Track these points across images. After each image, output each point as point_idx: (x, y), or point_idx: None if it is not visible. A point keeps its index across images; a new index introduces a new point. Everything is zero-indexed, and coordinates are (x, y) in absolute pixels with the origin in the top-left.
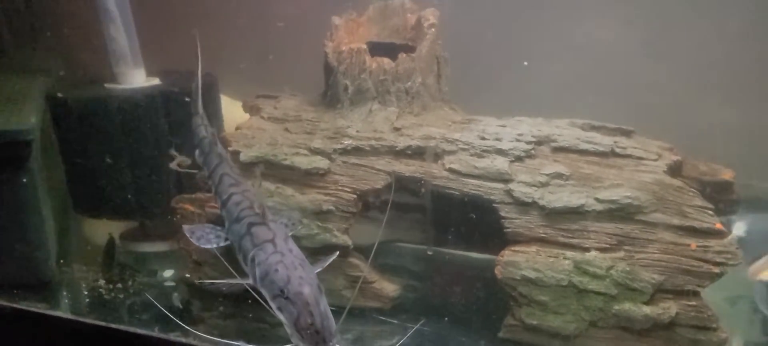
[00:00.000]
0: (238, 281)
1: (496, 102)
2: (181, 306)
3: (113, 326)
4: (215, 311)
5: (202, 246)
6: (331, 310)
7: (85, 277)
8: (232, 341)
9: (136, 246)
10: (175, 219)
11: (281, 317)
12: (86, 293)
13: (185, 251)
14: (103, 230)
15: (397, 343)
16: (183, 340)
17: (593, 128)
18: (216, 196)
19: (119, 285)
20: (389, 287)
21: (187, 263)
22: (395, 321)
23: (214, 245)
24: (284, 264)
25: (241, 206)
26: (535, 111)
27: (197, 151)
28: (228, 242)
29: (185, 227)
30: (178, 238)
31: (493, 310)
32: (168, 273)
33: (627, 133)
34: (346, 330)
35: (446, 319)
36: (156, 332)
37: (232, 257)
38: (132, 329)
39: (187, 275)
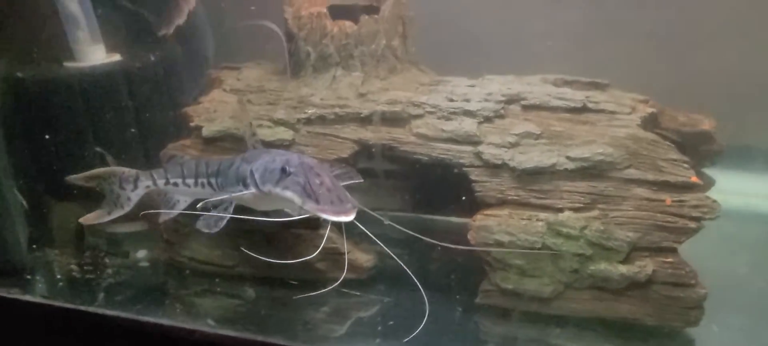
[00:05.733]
0: (241, 193)
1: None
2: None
3: (82, 308)
4: (190, 290)
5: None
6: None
7: (58, 261)
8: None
9: (108, 227)
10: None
11: (290, 195)
12: (59, 277)
13: (156, 231)
14: (77, 212)
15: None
16: (152, 320)
17: (566, 83)
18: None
19: (91, 267)
20: (363, 258)
21: (160, 243)
22: (372, 295)
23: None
24: (280, 154)
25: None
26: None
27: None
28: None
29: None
30: (148, 218)
31: (470, 276)
32: (141, 253)
33: (601, 87)
34: (322, 302)
35: (422, 287)
36: (125, 313)
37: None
38: (102, 312)
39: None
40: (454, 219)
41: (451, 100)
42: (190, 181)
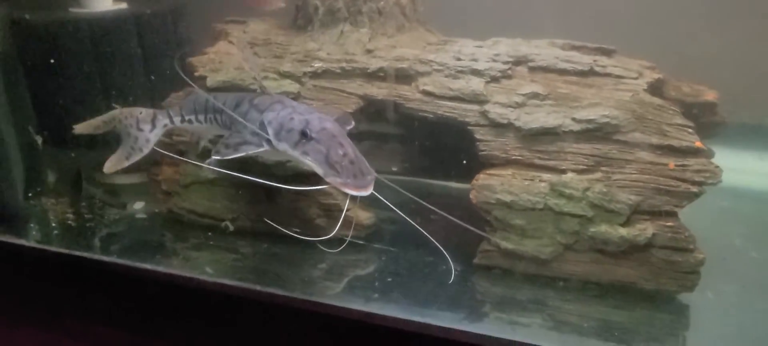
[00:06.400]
0: (256, 150)
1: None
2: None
3: (76, 253)
4: (188, 243)
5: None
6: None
7: (54, 209)
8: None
9: (107, 178)
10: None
11: (309, 161)
12: (54, 225)
13: (155, 182)
14: (76, 160)
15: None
16: (149, 267)
17: (573, 48)
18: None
19: (88, 217)
20: (363, 216)
21: (157, 194)
22: (376, 246)
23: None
24: (298, 112)
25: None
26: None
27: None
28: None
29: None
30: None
31: (470, 237)
32: (138, 205)
33: (608, 53)
34: (320, 258)
35: (422, 246)
36: (116, 259)
37: None
38: (95, 257)
39: None
40: (453, 184)
41: (459, 59)
42: (201, 117)
